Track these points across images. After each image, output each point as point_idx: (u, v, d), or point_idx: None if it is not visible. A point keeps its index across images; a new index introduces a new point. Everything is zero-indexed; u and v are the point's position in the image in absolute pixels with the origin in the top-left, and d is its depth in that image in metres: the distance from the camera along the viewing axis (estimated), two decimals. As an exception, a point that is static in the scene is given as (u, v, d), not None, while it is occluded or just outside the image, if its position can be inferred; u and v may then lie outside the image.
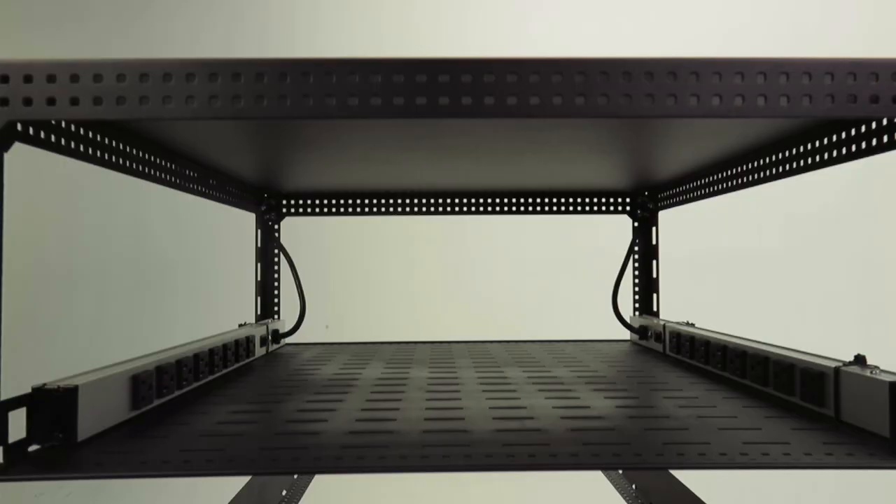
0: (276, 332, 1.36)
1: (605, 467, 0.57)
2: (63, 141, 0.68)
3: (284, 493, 1.32)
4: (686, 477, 1.17)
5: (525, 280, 2.72)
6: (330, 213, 1.45)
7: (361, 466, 0.57)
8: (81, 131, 0.71)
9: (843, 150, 0.75)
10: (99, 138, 0.75)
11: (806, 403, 0.76)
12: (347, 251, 2.98)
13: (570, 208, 1.44)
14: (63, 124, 0.68)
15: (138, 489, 2.94)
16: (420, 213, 1.44)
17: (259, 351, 1.25)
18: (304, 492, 1.35)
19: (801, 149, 0.84)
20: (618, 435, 0.66)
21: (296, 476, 1.40)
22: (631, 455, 0.59)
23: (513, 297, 2.69)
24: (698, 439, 0.64)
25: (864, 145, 0.72)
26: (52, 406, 0.62)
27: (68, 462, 0.59)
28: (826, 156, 0.79)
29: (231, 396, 0.87)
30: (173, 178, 0.96)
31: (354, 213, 1.44)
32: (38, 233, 3.51)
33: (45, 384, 0.63)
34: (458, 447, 0.62)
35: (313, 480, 1.43)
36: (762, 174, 0.95)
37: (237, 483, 1.15)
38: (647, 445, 0.62)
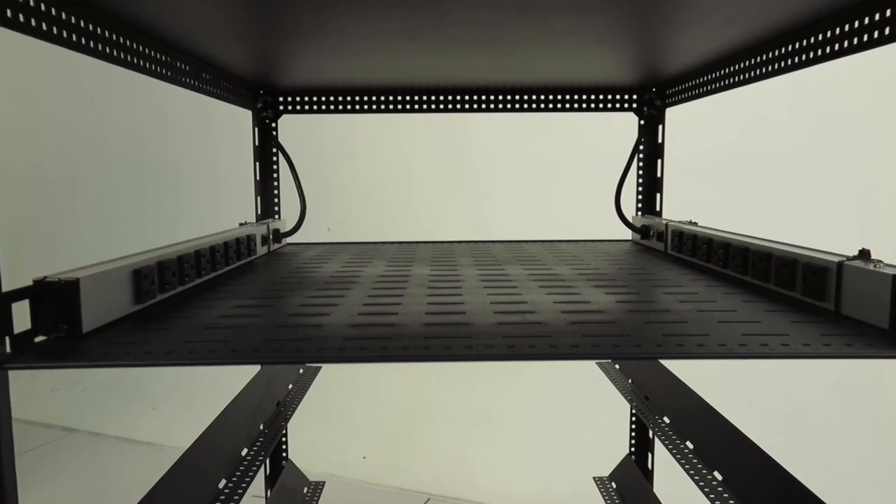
0: (276, 231, 1.36)
1: (604, 357, 0.57)
2: (45, 26, 0.65)
3: (291, 386, 1.36)
4: (683, 373, 1.20)
5: (527, 182, 2.70)
6: (328, 111, 1.41)
7: (364, 356, 0.58)
8: (63, 16, 0.68)
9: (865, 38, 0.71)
10: (86, 25, 0.71)
11: (806, 298, 0.76)
12: (346, 152, 2.94)
13: (576, 105, 1.40)
14: (43, 7, 0.64)
15: (149, 386, 3.05)
16: (421, 110, 1.40)
17: (260, 250, 1.25)
18: (309, 386, 1.39)
19: (820, 37, 0.80)
20: (618, 327, 0.66)
21: (301, 370, 1.44)
22: (630, 346, 0.60)
23: (514, 198, 2.67)
24: (698, 331, 0.64)
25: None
26: (54, 298, 0.62)
27: (74, 352, 0.59)
28: (846, 44, 0.75)
29: (233, 292, 0.88)
30: (165, 71, 0.93)
31: (352, 111, 1.40)
32: (35, 136, 3.45)
33: (45, 277, 0.63)
34: (459, 339, 0.63)
35: (318, 376, 1.47)
36: (777, 65, 0.91)
37: (243, 379, 1.18)
38: (647, 337, 0.63)
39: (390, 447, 2.48)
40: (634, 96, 1.40)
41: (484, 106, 1.40)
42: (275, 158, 1.44)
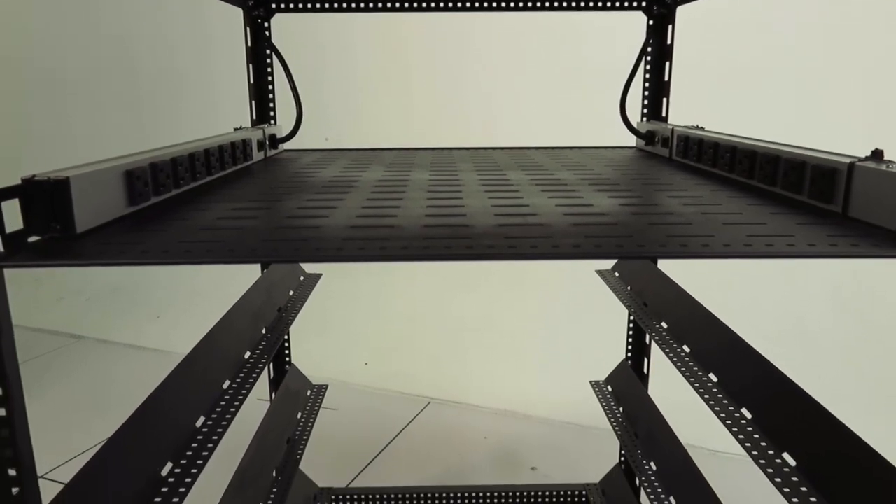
0: (273, 136, 1.33)
1: (606, 257, 0.56)
2: None
3: (291, 293, 1.36)
4: (683, 284, 1.21)
5: (527, 88, 2.62)
6: (322, 10, 1.34)
7: (363, 255, 0.57)
8: None
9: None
10: None
11: (813, 201, 0.75)
12: (344, 57, 2.84)
13: (582, 3, 1.34)
14: None
15: (153, 295, 3.09)
16: (420, 8, 1.33)
17: (257, 155, 1.23)
18: (310, 293, 1.40)
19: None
20: (621, 229, 0.65)
21: (301, 278, 1.45)
22: (633, 246, 0.59)
23: (516, 105, 2.61)
24: (702, 233, 0.63)
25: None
26: (45, 197, 0.61)
27: (68, 251, 0.59)
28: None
29: (230, 196, 0.86)
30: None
31: (348, 9, 1.34)
32: (25, 38, 3.32)
33: (34, 175, 0.61)
34: (459, 239, 0.62)
35: (319, 286, 1.48)
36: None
37: (245, 288, 1.19)
38: (650, 238, 0.62)
39: (391, 354, 2.54)
40: (644, -6, 1.34)
41: (486, 4, 1.33)
42: (269, 61, 1.38)
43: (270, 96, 1.39)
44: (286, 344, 1.45)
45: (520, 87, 2.61)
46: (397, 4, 1.33)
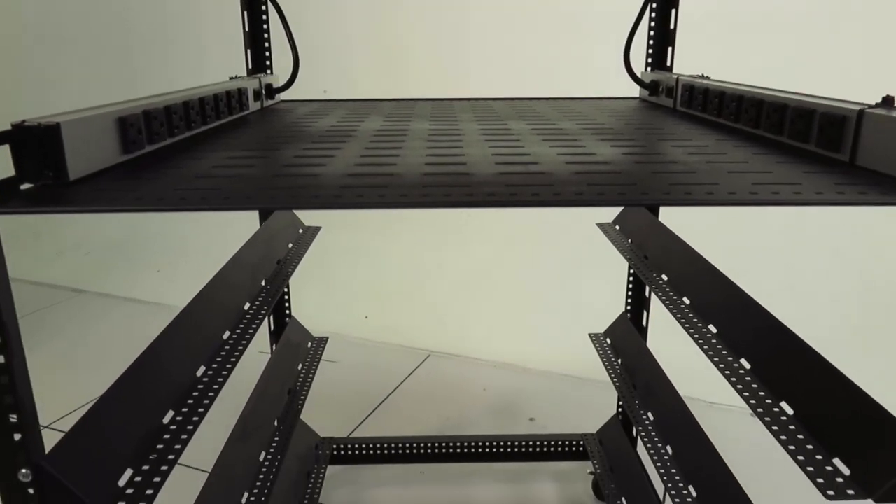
0: (269, 86, 1.30)
1: (609, 204, 0.55)
2: None
3: (290, 246, 1.36)
4: (686, 234, 1.20)
5: (528, 36, 2.56)
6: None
7: (361, 203, 0.56)
8: None
9: None
10: None
11: (820, 150, 0.73)
12: (340, 6, 2.77)
13: (587, -53, 1.29)
14: None
15: (152, 250, 3.08)
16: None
17: (253, 105, 1.21)
18: (308, 246, 1.40)
19: None
20: (624, 177, 0.64)
21: (300, 230, 1.44)
22: (637, 193, 0.58)
23: (514, 54, 2.56)
24: (706, 181, 0.62)
25: None
26: (36, 143, 0.59)
27: (62, 198, 0.58)
28: None
29: (225, 145, 0.85)
30: None
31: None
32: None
33: (24, 121, 0.60)
34: (459, 187, 0.61)
35: (319, 240, 1.47)
36: None
37: (243, 240, 1.18)
38: (654, 186, 0.61)
39: (391, 307, 2.55)
40: (651, -63, 1.29)
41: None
42: (264, 8, 1.35)
43: (266, 45, 1.36)
44: (286, 297, 1.45)
45: (520, 34, 2.56)
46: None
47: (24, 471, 0.56)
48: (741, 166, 0.68)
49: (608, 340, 1.50)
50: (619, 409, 1.55)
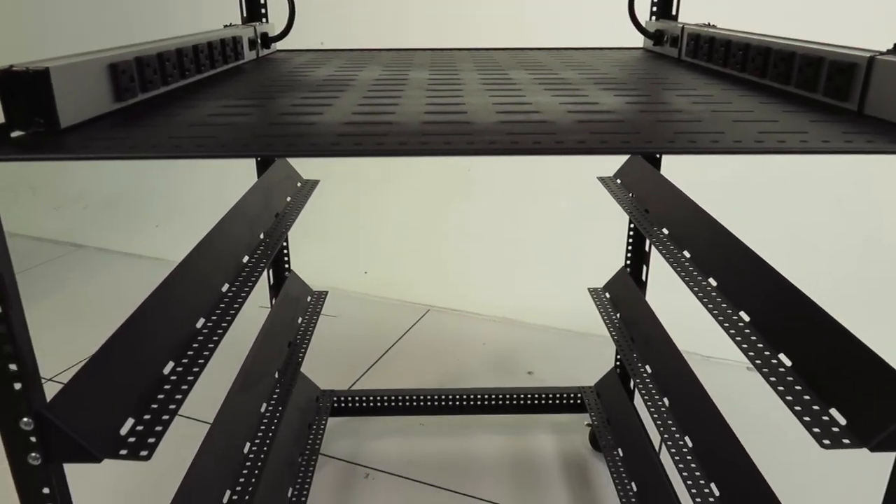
0: (265, 35, 1.27)
1: (612, 152, 0.54)
2: None
3: (289, 199, 1.35)
4: (687, 188, 1.19)
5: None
6: None
7: (359, 151, 0.55)
8: None
9: None
10: None
11: (828, 99, 0.72)
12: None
13: None
14: None
15: (151, 205, 3.07)
16: None
17: (248, 55, 1.18)
18: (307, 199, 1.38)
19: None
20: (628, 126, 0.63)
21: (299, 184, 1.43)
22: (641, 142, 0.57)
23: (517, 7, 2.50)
24: (711, 129, 0.61)
25: None
26: (25, 89, 0.58)
27: (53, 145, 0.56)
28: None
29: (220, 94, 0.83)
30: None
31: None
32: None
33: (11, 66, 0.58)
34: (459, 135, 0.59)
35: (318, 195, 1.46)
36: None
37: (240, 194, 1.17)
38: (658, 134, 0.59)
39: (391, 262, 2.55)
40: None
41: None
42: (258, -47, 1.31)
43: (261, -9, 1.32)
44: (285, 251, 1.45)
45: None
46: None
47: (25, 419, 0.56)
48: (747, 115, 0.67)
49: (607, 295, 1.50)
50: (617, 363, 1.56)
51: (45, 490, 0.58)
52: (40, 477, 0.58)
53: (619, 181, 1.43)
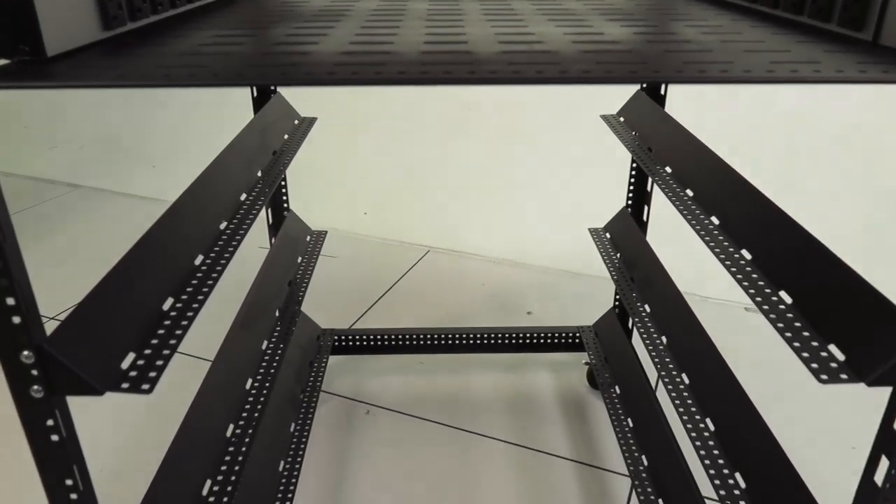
0: (258, -36, 1.22)
1: (618, 82, 0.53)
2: None
3: (286, 137, 1.32)
4: (691, 129, 1.16)
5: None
6: None
7: (356, 80, 0.53)
8: None
9: None
10: None
11: (842, 29, 0.69)
12: None
13: None
14: None
15: (147, 145, 3.03)
16: None
17: (241, -15, 1.14)
18: (305, 137, 1.36)
19: None
20: (634, 56, 0.61)
21: (296, 121, 1.40)
22: (648, 72, 0.55)
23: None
24: (721, 59, 0.59)
25: None
26: (8, 15, 0.55)
27: (40, 74, 0.55)
28: None
29: (212, 23, 0.80)
30: None
31: None
32: None
33: (-7, -11, 0.56)
34: (460, 65, 0.57)
35: (316, 136, 1.43)
36: None
37: (237, 131, 1.14)
38: (666, 64, 0.57)
39: (390, 204, 2.54)
40: None
41: None
42: None
43: (253, -83, 1.26)
44: (283, 190, 1.44)
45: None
46: None
47: (26, 353, 0.56)
48: (758, 45, 0.65)
49: (608, 235, 1.49)
50: (616, 303, 1.57)
51: (49, 422, 0.59)
52: (43, 410, 0.58)
53: (622, 119, 1.41)
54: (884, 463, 0.61)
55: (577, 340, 1.60)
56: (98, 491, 0.64)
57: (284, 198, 1.44)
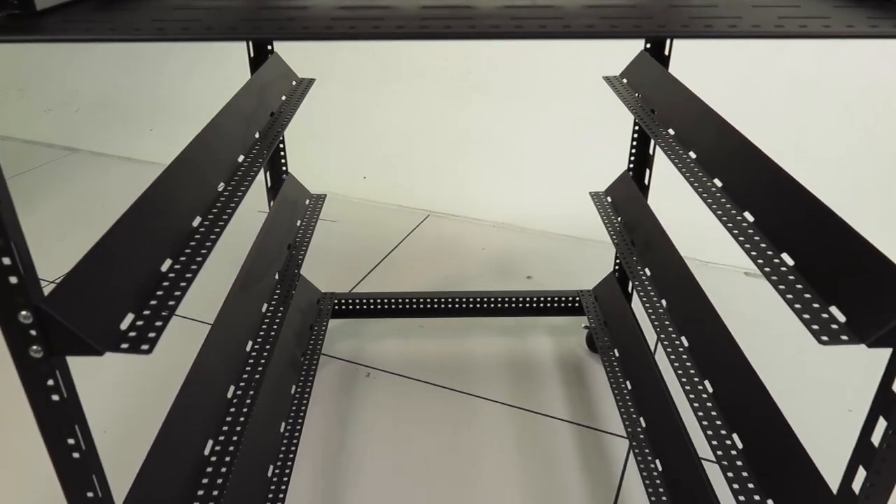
0: (253, -81, 1.19)
1: (622, 37, 0.51)
2: None
3: (284, 98, 1.31)
4: (695, 87, 1.15)
5: None
6: None
7: (354, 34, 0.52)
8: None
9: None
10: None
11: (853, -16, 0.67)
12: None
13: None
14: None
15: (144, 108, 2.99)
16: None
17: (236, -61, 1.11)
18: (303, 98, 1.34)
19: None
20: (639, 11, 0.59)
21: (294, 83, 1.38)
22: (653, 26, 0.54)
23: None
24: (728, 14, 0.57)
25: None
26: (-6, -34, 0.54)
27: (31, 27, 0.53)
28: None
29: (207, -22, 0.78)
30: None
31: None
32: None
33: (-22, -61, 0.54)
34: (461, 20, 0.56)
35: (314, 98, 1.41)
36: None
37: (232, 93, 1.12)
38: (671, 19, 0.56)
39: (390, 168, 2.52)
40: None
41: None
42: None
43: None
44: (282, 153, 1.42)
45: None
46: None
47: (24, 312, 0.56)
48: (766, 0, 0.63)
49: (609, 199, 1.48)
50: (616, 267, 1.57)
51: (50, 382, 0.59)
52: (43, 370, 0.58)
53: (625, 81, 1.38)
54: (881, 424, 0.62)
55: (576, 304, 1.61)
56: (101, 452, 0.65)
57: (283, 161, 1.43)
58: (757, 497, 0.76)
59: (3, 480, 1.26)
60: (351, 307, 1.61)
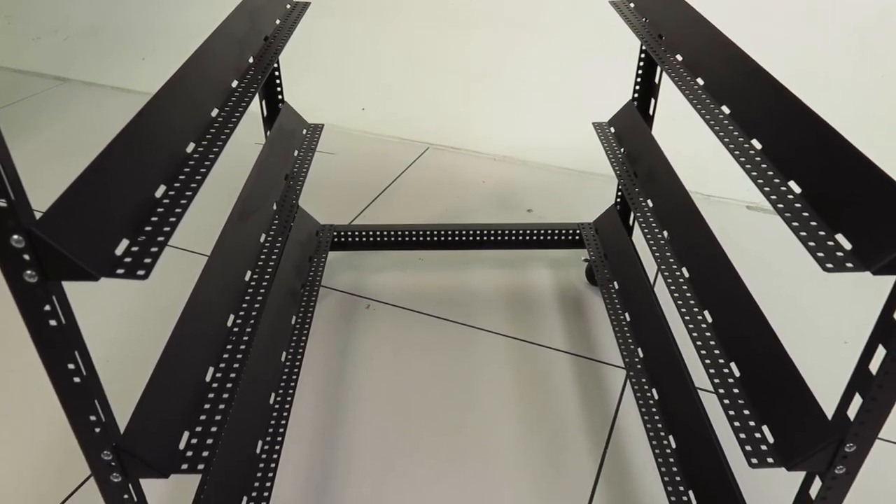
0: None
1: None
2: None
3: (278, 21, 1.26)
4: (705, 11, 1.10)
5: None
6: None
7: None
8: None
9: None
10: None
11: None
12: None
13: None
14: None
15: (134, 36, 2.90)
16: None
17: None
18: (298, 21, 1.29)
19: None
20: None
21: (288, 6, 1.33)
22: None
23: None
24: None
25: None
26: None
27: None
28: None
29: None
30: None
31: None
32: None
33: None
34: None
35: (312, 26, 1.36)
36: None
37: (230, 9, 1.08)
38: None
39: (389, 100, 2.47)
40: None
41: None
42: None
43: None
44: (277, 80, 1.38)
45: None
46: None
47: (15, 237, 0.55)
48: None
49: (612, 129, 1.45)
50: (618, 200, 1.55)
51: (46, 307, 0.58)
52: (39, 295, 0.58)
53: (632, 5, 1.33)
54: (880, 351, 0.62)
55: (576, 237, 1.60)
56: (104, 381, 0.65)
57: (279, 89, 1.39)
58: (752, 423, 0.77)
59: (11, 406, 1.28)
60: (350, 239, 1.60)
